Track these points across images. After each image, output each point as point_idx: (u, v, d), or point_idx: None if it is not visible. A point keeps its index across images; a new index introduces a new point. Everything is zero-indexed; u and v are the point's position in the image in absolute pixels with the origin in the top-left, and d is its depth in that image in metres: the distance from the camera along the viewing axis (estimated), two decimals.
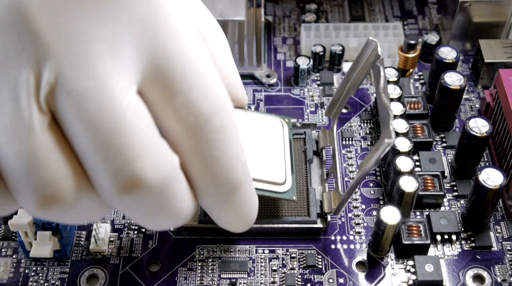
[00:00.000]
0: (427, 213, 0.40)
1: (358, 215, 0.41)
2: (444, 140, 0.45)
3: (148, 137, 0.27)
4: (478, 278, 0.38)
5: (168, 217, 0.30)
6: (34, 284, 0.37)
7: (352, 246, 0.39)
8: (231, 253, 0.39)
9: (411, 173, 0.39)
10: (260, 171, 0.36)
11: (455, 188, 0.42)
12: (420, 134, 0.43)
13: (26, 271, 0.38)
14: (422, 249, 0.38)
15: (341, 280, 0.38)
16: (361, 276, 0.38)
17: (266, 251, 0.39)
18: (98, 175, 0.26)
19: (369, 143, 0.45)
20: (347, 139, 0.45)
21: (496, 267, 0.38)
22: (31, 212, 0.27)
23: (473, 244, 0.39)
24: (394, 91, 0.44)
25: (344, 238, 0.40)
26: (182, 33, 0.28)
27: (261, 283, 0.38)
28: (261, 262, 0.38)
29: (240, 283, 0.38)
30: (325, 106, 0.47)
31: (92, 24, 0.26)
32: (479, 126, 0.40)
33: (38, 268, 0.38)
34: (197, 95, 0.28)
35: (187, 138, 0.28)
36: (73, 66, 0.25)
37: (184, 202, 0.30)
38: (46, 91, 0.25)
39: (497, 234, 0.40)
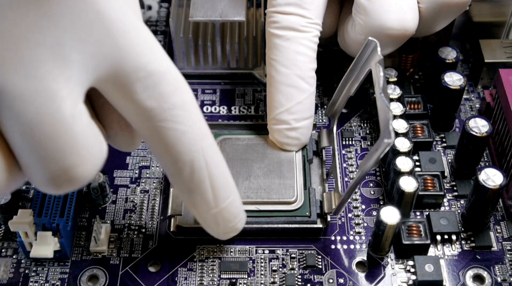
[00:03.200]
0: (427, 213, 0.40)
1: (358, 215, 0.41)
2: (444, 140, 0.45)
3: (84, 139, 0.28)
4: (478, 278, 0.38)
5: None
6: (35, 284, 0.37)
7: (352, 246, 0.39)
8: (231, 254, 0.39)
9: (411, 173, 0.39)
10: (271, 193, 0.39)
11: (455, 188, 0.42)
12: (420, 134, 0.43)
13: (26, 271, 0.38)
14: (422, 249, 0.38)
15: (341, 280, 0.38)
16: (361, 276, 0.38)
17: (266, 251, 0.39)
18: (32, 171, 0.28)
19: (369, 143, 0.45)
20: (347, 139, 0.45)
21: (496, 267, 0.38)
22: None
23: (473, 244, 0.39)
24: (394, 91, 0.44)
25: (344, 238, 0.40)
26: (127, 26, 0.29)
27: (261, 283, 0.38)
28: (261, 262, 0.38)
29: (240, 283, 0.38)
30: (325, 106, 0.47)
31: (34, 29, 0.26)
32: (479, 126, 0.40)
33: (38, 269, 0.38)
34: (154, 79, 0.30)
35: (151, 120, 0.30)
36: (15, 70, 0.26)
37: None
38: None
39: (497, 234, 0.40)
